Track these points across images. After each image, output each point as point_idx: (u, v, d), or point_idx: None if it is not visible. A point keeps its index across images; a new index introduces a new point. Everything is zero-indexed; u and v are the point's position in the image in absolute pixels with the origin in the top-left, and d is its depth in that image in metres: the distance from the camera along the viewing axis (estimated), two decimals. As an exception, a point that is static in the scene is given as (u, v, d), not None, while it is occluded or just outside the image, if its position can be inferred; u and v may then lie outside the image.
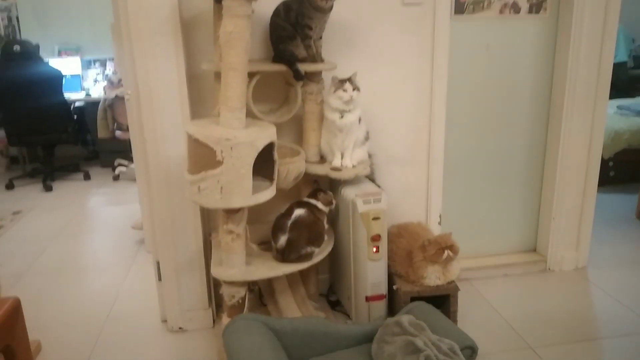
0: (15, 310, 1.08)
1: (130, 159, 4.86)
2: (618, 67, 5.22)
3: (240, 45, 1.62)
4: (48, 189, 4.47)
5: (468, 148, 2.59)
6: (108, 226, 3.62)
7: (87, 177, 4.77)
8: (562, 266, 2.70)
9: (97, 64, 5.48)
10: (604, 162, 3.82)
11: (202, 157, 1.65)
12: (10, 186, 4.54)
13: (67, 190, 4.55)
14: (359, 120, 2.06)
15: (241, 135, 1.65)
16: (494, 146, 2.62)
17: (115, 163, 4.88)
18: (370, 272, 2.07)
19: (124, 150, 4.99)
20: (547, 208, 2.69)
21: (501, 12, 2.40)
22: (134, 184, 4.55)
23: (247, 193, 1.68)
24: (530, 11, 2.42)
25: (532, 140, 2.65)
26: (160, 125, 2.01)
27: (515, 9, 2.41)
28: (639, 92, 5.47)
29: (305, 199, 2.03)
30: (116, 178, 4.79)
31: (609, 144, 3.89)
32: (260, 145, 1.68)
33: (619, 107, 4.41)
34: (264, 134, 1.72)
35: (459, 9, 2.35)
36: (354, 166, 2.08)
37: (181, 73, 1.99)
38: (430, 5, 2.25)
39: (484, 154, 2.62)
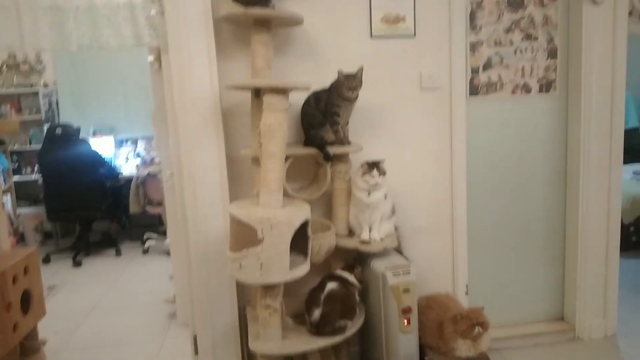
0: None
1: (159, 233, 5.05)
2: (631, 133, 5.36)
3: (279, 135, 1.80)
4: (77, 264, 4.62)
5: (490, 219, 2.70)
6: (140, 300, 3.71)
7: (118, 253, 4.93)
8: (590, 334, 2.70)
9: (128, 143, 5.81)
10: (625, 228, 3.86)
11: (244, 235, 1.79)
12: (46, 260, 4.73)
13: (99, 265, 4.69)
14: (385, 196, 2.20)
15: (280, 214, 1.80)
16: (515, 216, 2.72)
17: (145, 236, 5.05)
18: (402, 345, 2.12)
19: (153, 224, 5.19)
20: (572, 276, 2.73)
21: (513, 92, 2.59)
22: (162, 257, 4.69)
23: (285, 269, 1.80)
24: (540, 90, 2.61)
25: (551, 209, 2.75)
26: (202, 204, 2.17)
27: (527, 89, 2.59)
28: (654, 156, 5.56)
29: (337, 272, 2.13)
30: (146, 251, 4.94)
31: (628, 209, 3.96)
32: (297, 223, 1.81)
33: (635, 173, 4.50)
34: (300, 213, 1.86)
35: (474, 91, 2.55)
36: (381, 239, 2.20)
37: (221, 157, 2.17)
38: (447, 89, 2.45)
39: (506, 224, 2.72)
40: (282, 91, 1.82)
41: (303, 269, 1.88)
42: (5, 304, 1.40)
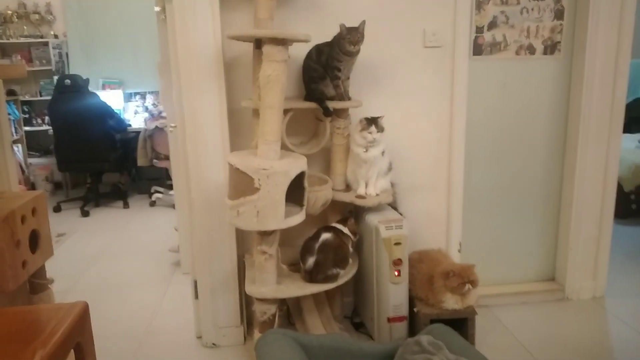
0: (85, 312, 1.27)
1: (166, 186, 5.16)
2: (641, 102, 5.31)
3: (277, 86, 1.83)
4: (85, 214, 4.76)
5: (487, 179, 2.73)
6: (146, 249, 3.84)
7: (126, 205, 5.05)
8: (580, 295, 2.77)
9: (137, 97, 5.85)
10: (625, 195, 3.89)
11: (242, 184, 1.85)
12: (57, 209, 4.87)
13: (107, 215, 4.83)
14: (382, 153, 2.24)
15: (276, 165, 1.85)
16: (512, 177, 2.75)
17: (152, 190, 5.16)
18: (392, 295, 2.21)
19: (160, 178, 5.29)
20: (565, 238, 2.78)
21: (517, 53, 2.57)
22: (169, 210, 4.81)
23: (280, 217, 1.87)
24: (545, 52, 2.59)
25: (549, 172, 2.77)
26: (204, 154, 2.23)
27: (531, 50, 2.58)
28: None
29: (333, 224, 2.20)
30: (152, 204, 5.06)
31: (630, 177, 3.96)
32: (293, 174, 1.87)
33: (641, 142, 4.48)
34: (296, 164, 1.91)
35: (477, 50, 2.54)
36: (377, 194, 2.25)
37: (223, 108, 2.21)
38: (450, 47, 2.44)
39: (503, 184, 2.76)
40: (281, 41, 1.84)
41: (298, 218, 1.94)
42: (14, 241, 1.48)
